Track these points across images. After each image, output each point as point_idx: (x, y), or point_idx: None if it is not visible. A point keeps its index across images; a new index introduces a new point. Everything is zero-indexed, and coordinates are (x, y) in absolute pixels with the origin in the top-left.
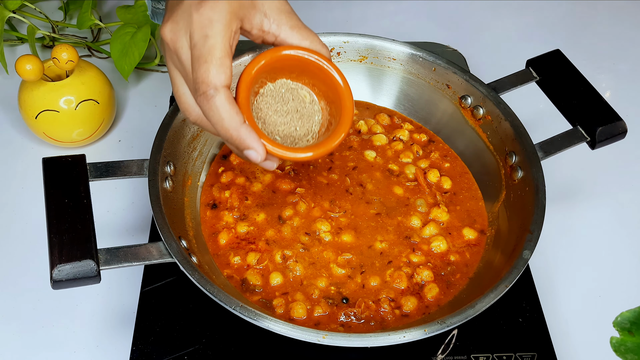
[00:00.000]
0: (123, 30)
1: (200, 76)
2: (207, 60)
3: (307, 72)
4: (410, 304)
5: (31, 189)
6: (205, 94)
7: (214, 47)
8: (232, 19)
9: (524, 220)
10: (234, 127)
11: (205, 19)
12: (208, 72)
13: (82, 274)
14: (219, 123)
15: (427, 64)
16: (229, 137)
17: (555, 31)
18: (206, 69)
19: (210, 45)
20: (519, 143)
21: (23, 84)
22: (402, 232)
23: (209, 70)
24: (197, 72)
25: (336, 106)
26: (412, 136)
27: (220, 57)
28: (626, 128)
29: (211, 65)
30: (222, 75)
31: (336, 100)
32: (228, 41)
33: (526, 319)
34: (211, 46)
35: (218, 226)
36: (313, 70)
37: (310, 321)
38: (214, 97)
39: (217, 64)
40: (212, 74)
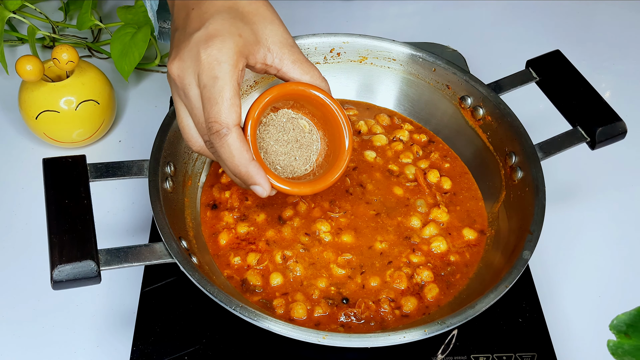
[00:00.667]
0: (123, 30)
1: (213, 116)
2: (217, 102)
3: (308, 105)
4: (410, 305)
5: (31, 189)
6: (218, 132)
7: (223, 88)
8: (238, 58)
9: (523, 220)
10: (243, 164)
11: (213, 60)
12: (220, 113)
13: (83, 274)
14: (229, 159)
15: (427, 65)
16: (237, 172)
17: (555, 31)
18: (218, 110)
19: (219, 87)
20: (518, 143)
21: (23, 85)
22: (402, 233)
23: (220, 111)
24: (209, 112)
25: (335, 140)
26: (412, 136)
27: (230, 97)
28: (626, 128)
29: (222, 107)
30: (233, 114)
31: (336, 135)
32: (236, 80)
33: (526, 319)
34: (221, 88)
35: (218, 226)
36: (315, 103)
37: (310, 321)
38: (227, 135)
39: (228, 105)
40: (224, 115)
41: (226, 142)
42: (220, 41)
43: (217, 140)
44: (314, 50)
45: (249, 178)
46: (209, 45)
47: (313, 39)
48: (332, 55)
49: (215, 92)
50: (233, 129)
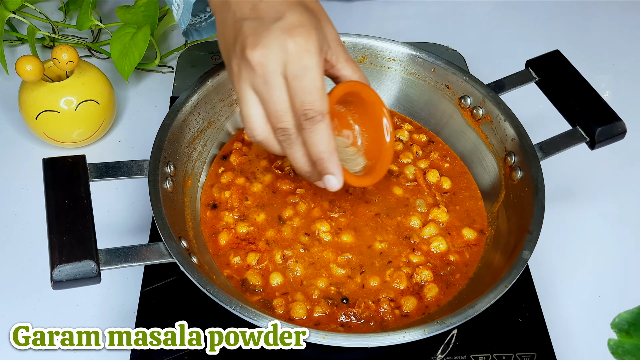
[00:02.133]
0: (123, 30)
1: (309, 104)
2: (312, 91)
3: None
4: (410, 304)
5: (31, 189)
6: (313, 119)
7: (316, 78)
8: (320, 49)
9: (523, 220)
10: (329, 151)
11: (303, 49)
12: (315, 101)
13: (83, 274)
14: (319, 145)
15: (427, 65)
16: (321, 158)
17: (555, 31)
18: (313, 98)
19: (312, 77)
20: (518, 143)
21: (23, 85)
22: (402, 233)
23: (315, 99)
24: (304, 100)
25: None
26: (411, 136)
27: (322, 86)
28: (625, 128)
29: (317, 95)
30: (326, 103)
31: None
32: (323, 71)
33: (526, 319)
34: (313, 77)
35: (218, 226)
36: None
37: (310, 321)
38: (322, 122)
39: (322, 93)
40: (319, 103)
41: (320, 127)
42: (307, 32)
43: (312, 126)
44: None
45: (329, 167)
46: (296, 35)
47: None
48: None
49: (309, 81)
50: (327, 116)
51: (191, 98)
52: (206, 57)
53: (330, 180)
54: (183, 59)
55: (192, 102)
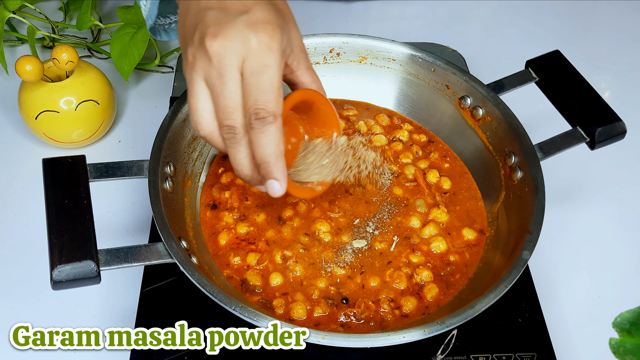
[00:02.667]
0: (123, 30)
1: (262, 104)
2: (268, 90)
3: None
4: (410, 304)
5: (31, 189)
6: (264, 119)
7: (274, 77)
8: (283, 50)
9: (523, 220)
10: (276, 155)
11: (265, 46)
12: (270, 101)
13: (82, 274)
14: (266, 147)
15: (427, 65)
16: (266, 162)
17: (555, 31)
18: (268, 98)
19: (270, 76)
20: (518, 143)
21: (23, 85)
22: (402, 233)
23: (270, 100)
24: (258, 99)
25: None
26: (411, 137)
27: (279, 87)
28: (625, 128)
29: (272, 95)
30: (280, 105)
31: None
32: (282, 72)
33: (526, 319)
34: (272, 77)
35: (218, 227)
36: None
37: (310, 321)
38: (272, 124)
39: (277, 94)
40: (273, 104)
41: (270, 129)
42: (272, 30)
43: (262, 126)
44: (314, 51)
45: (274, 172)
46: (260, 31)
47: (313, 39)
48: (331, 56)
49: (266, 80)
50: (279, 118)
51: None
52: None
53: (274, 185)
54: None
55: None
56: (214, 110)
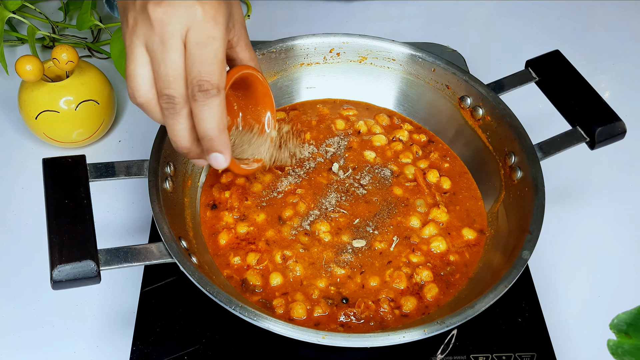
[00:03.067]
0: None
1: (205, 75)
2: (212, 62)
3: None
4: (409, 304)
5: (31, 189)
6: (207, 92)
7: (219, 50)
8: (227, 23)
9: (523, 220)
10: (220, 129)
11: (211, 18)
12: (214, 73)
13: (82, 274)
14: (208, 120)
15: (427, 65)
16: (209, 135)
17: (555, 31)
18: (212, 70)
19: (216, 48)
20: (518, 143)
21: (23, 85)
22: (402, 233)
23: (214, 72)
24: (201, 70)
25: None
26: (411, 136)
27: (223, 60)
28: (625, 128)
29: (217, 67)
30: (224, 77)
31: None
32: (226, 45)
33: (525, 319)
34: (217, 49)
35: (218, 226)
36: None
37: (310, 321)
38: (216, 96)
39: (221, 67)
40: (217, 76)
41: (214, 102)
42: (217, 3)
43: (205, 99)
44: (314, 50)
45: (217, 144)
46: (206, 2)
47: (313, 39)
48: (331, 56)
49: (211, 51)
50: (222, 91)
51: None
52: None
53: (217, 158)
54: None
55: None
56: (153, 78)
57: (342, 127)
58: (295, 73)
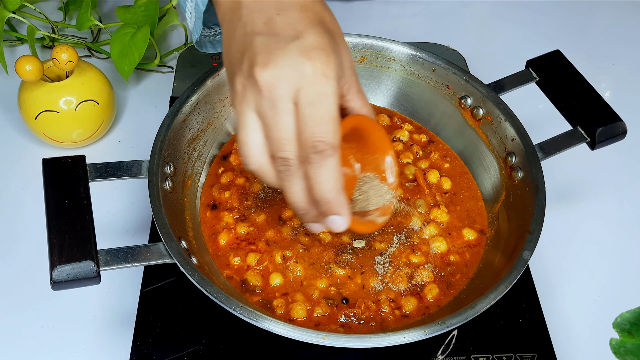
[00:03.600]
0: (123, 30)
1: (320, 135)
2: (326, 121)
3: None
4: (410, 305)
5: (31, 189)
6: (323, 152)
7: (332, 107)
8: (338, 75)
9: (523, 220)
10: (337, 189)
11: (321, 74)
12: (328, 133)
13: (82, 274)
14: (326, 182)
15: (427, 65)
16: (327, 197)
17: (555, 31)
18: (327, 130)
19: (328, 105)
20: (518, 143)
21: (23, 85)
22: (402, 233)
23: (329, 131)
24: (315, 130)
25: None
26: (412, 137)
27: (336, 117)
28: (626, 128)
29: (331, 126)
30: (338, 136)
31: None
32: (339, 99)
33: (526, 319)
34: (329, 106)
35: (218, 227)
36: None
37: (310, 322)
38: (331, 157)
39: (335, 125)
40: (332, 135)
41: (330, 163)
42: (326, 56)
43: (320, 160)
44: None
45: (336, 206)
46: (314, 58)
47: None
48: None
49: (324, 110)
50: (337, 150)
51: (191, 98)
52: (206, 57)
53: (336, 221)
54: (183, 59)
55: (192, 102)
56: (266, 143)
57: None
58: None
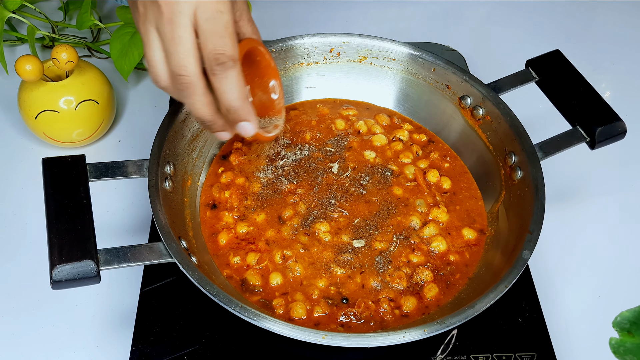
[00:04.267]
0: (123, 30)
1: (220, 48)
2: (224, 35)
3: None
4: (409, 304)
5: (31, 189)
6: (224, 64)
7: (228, 23)
8: None
9: (523, 220)
10: (243, 98)
11: None
12: (227, 46)
13: (82, 274)
14: (231, 92)
15: (427, 64)
16: (234, 105)
17: (555, 31)
18: (225, 42)
19: (226, 21)
20: (518, 143)
21: (23, 84)
22: (402, 233)
23: (227, 44)
24: (215, 44)
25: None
26: (411, 136)
27: (233, 32)
28: (625, 128)
29: (229, 40)
30: (237, 49)
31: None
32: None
33: (526, 319)
34: (227, 22)
35: (218, 226)
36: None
37: (310, 321)
38: (233, 68)
39: (233, 39)
40: (231, 47)
41: (232, 74)
42: None
43: (223, 71)
44: (314, 50)
45: (243, 113)
46: None
47: (313, 38)
48: (331, 55)
49: (221, 25)
50: (237, 62)
51: None
52: None
53: (245, 126)
54: None
55: None
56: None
57: (342, 127)
58: (295, 73)
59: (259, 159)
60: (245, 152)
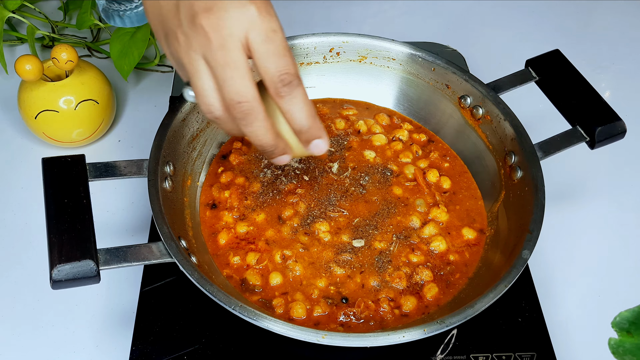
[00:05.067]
0: (123, 30)
1: (284, 68)
2: (284, 54)
3: None
4: (409, 304)
5: (31, 189)
6: (291, 83)
7: (284, 40)
8: None
9: (523, 220)
10: (313, 114)
11: (266, 12)
12: (289, 64)
13: (82, 274)
14: (300, 111)
15: (427, 64)
16: (305, 125)
17: (555, 31)
18: (287, 61)
19: (282, 39)
20: (518, 143)
21: (23, 84)
22: (402, 232)
23: (289, 62)
24: (278, 65)
25: None
26: (411, 136)
27: (289, 49)
28: (625, 128)
29: (290, 58)
30: (297, 65)
31: None
32: None
33: (525, 318)
34: (282, 39)
35: (218, 226)
36: None
37: (309, 321)
38: (299, 85)
39: (292, 55)
40: (293, 65)
41: (300, 92)
42: None
43: (290, 91)
44: (314, 50)
45: (316, 131)
46: None
47: (312, 38)
48: (331, 55)
49: (279, 44)
50: (301, 80)
51: None
52: None
53: (319, 145)
54: None
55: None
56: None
57: (342, 127)
58: None
59: (259, 159)
60: (245, 152)
